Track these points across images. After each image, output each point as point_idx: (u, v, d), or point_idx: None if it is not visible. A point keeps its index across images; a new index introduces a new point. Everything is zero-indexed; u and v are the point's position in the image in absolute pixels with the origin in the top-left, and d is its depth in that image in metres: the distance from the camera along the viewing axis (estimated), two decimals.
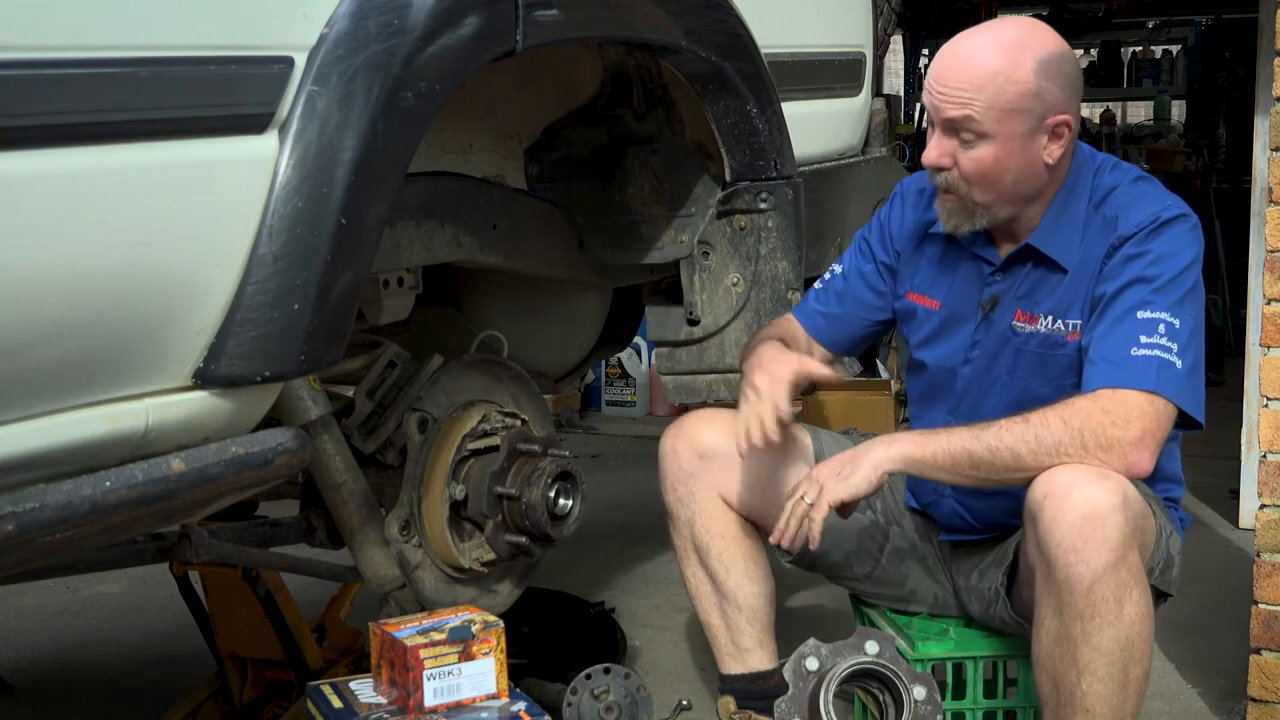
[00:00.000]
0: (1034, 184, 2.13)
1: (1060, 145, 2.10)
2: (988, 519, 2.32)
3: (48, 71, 1.39)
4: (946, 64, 2.10)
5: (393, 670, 2.01)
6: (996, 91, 2.05)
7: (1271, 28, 2.58)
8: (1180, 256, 2.08)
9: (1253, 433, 3.76)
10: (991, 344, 2.23)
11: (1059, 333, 2.16)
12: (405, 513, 2.27)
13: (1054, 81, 2.07)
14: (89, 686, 3.08)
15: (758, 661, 2.39)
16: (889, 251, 2.37)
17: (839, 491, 2.07)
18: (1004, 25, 2.15)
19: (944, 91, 2.09)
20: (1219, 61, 7.69)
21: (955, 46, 2.12)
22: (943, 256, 2.30)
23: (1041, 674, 2.02)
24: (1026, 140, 2.08)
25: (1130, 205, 2.13)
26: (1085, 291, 2.13)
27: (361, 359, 2.29)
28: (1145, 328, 2.03)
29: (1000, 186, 2.11)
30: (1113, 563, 1.91)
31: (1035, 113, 2.07)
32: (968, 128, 2.08)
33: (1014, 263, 2.21)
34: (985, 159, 2.09)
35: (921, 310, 2.32)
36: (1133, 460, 1.98)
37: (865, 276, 2.39)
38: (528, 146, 2.61)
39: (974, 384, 2.25)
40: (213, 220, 1.59)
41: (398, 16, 1.72)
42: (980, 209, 2.14)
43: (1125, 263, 2.09)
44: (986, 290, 2.24)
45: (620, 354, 5.60)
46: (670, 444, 2.38)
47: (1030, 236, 2.17)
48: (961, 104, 2.07)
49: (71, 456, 1.52)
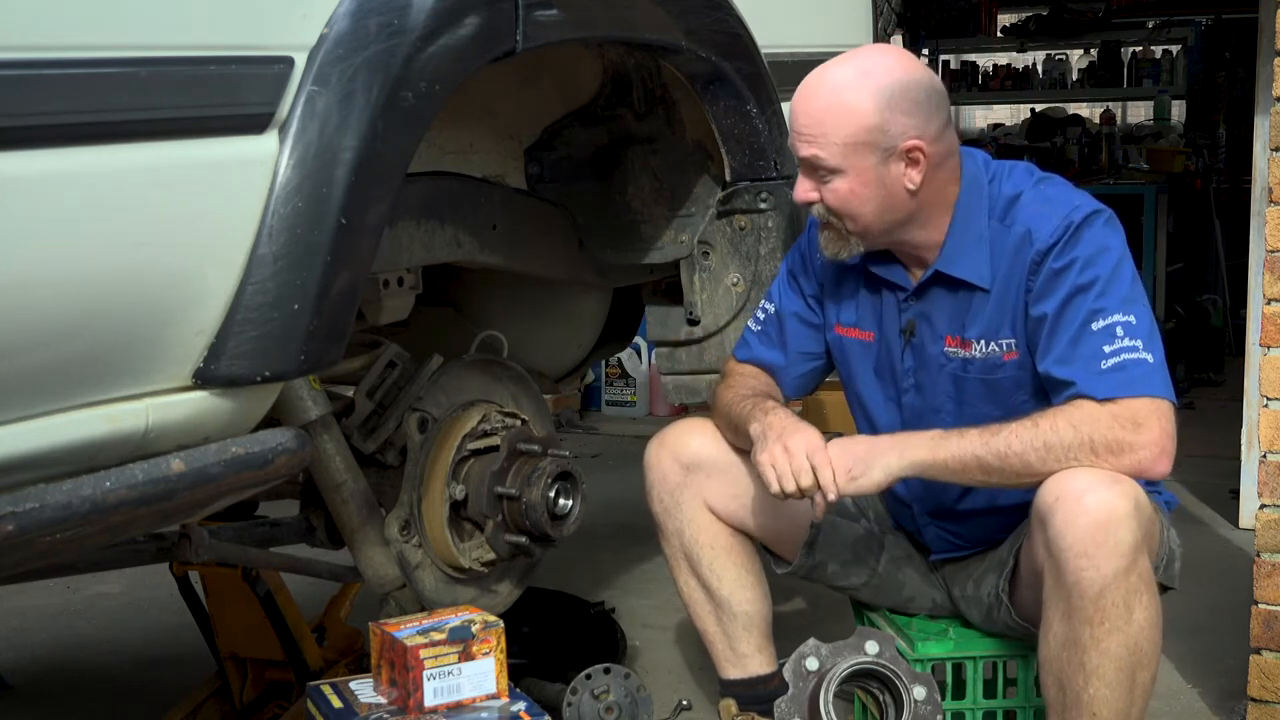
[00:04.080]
0: (902, 210, 2.11)
1: (918, 170, 2.08)
2: (974, 539, 2.32)
3: (48, 71, 1.39)
4: (797, 101, 2.11)
5: (393, 670, 2.01)
6: (836, 126, 2.05)
7: (1271, 28, 2.58)
8: (1107, 254, 2.06)
9: (1253, 433, 3.76)
10: (927, 373, 2.21)
11: (995, 354, 2.14)
12: (405, 513, 2.27)
13: (898, 110, 2.05)
14: (89, 686, 3.08)
15: (757, 666, 2.38)
16: (813, 283, 2.34)
17: (846, 490, 2.07)
18: (854, 57, 2.12)
19: (795, 130, 2.10)
20: (1219, 61, 7.69)
21: (807, 81, 2.11)
22: (863, 286, 2.28)
23: (1048, 677, 2.02)
24: (879, 170, 2.07)
25: (1039, 214, 2.10)
26: (1013, 309, 2.11)
27: (361, 359, 2.29)
28: (1104, 337, 2.01)
29: (865, 216, 2.10)
30: (1124, 569, 1.91)
31: (880, 145, 2.05)
32: (819, 164, 2.08)
33: (927, 287, 2.19)
34: (841, 191, 2.08)
35: (855, 344, 2.30)
36: (1148, 464, 1.97)
37: (800, 316, 2.35)
38: (528, 146, 2.61)
39: (919, 414, 2.23)
40: (213, 220, 1.59)
41: (398, 16, 1.72)
42: (854, 237, 2.13)
43: (1054, 278, 2.06)
44: (904, 316, 2.22)
45: (620, 354, 5.61)
46: (655, 454, 2.36)
47: (937, 261, 2.15)
48: (807, 141, 2.08)
49: (71, 456, 1.52)
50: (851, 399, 2.36)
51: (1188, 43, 7.97)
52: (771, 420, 2.15)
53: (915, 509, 2.33)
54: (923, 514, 2.33)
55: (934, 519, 2.32)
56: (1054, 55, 8.53)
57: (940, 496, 2.26)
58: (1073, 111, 8.09)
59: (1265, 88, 3.64)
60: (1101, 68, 8.24)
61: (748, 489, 2.32)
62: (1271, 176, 2.43)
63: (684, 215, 2.63)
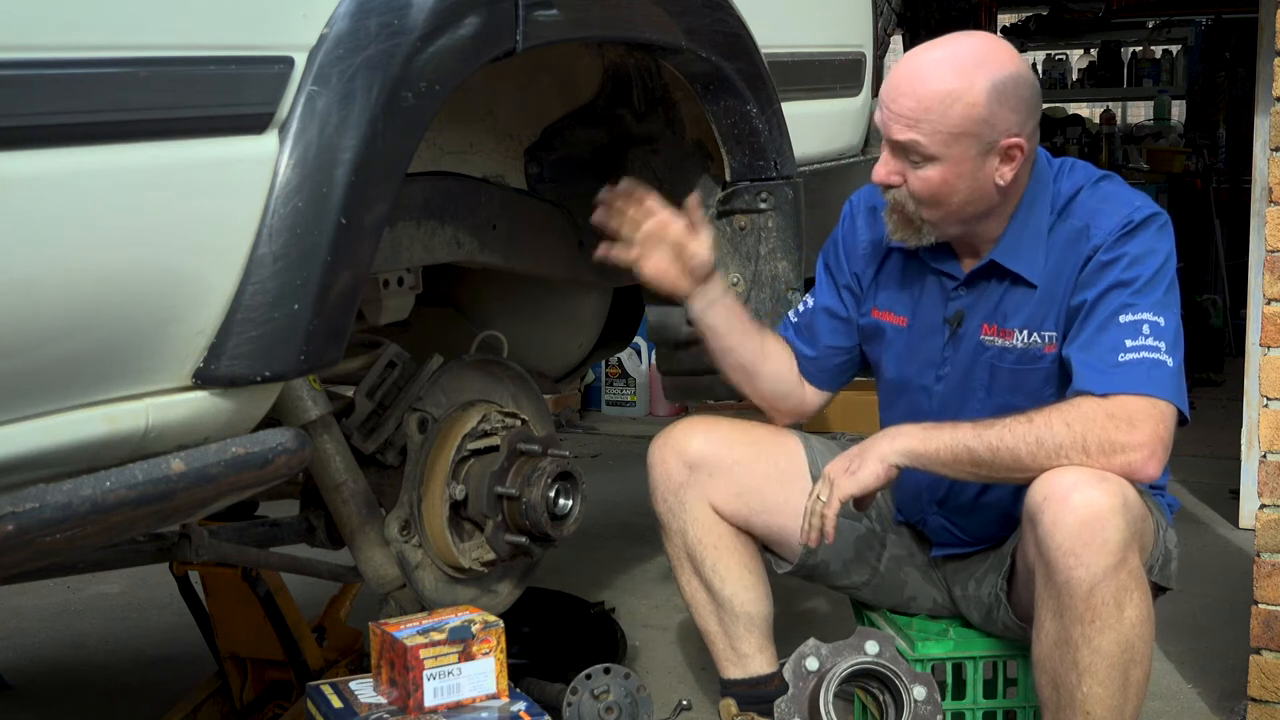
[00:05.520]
0: (984, 204, 2.10)
1: (1012, 167, 2.06)
2: (977, 533, 2.31)
3: (48, 71, 1.39)
4: (897, 82, 2.06)
5: (393, 670, 2.01)
6: (943, 114, 2.01)
7: (1272, 27, 2.58)
8: (1155, 256, 2.06)
9: (1253, 433, 3.76)
10: (963, 360, 2.21)
11: (1035, 346, 2.14)
12: (405, 513, 2.27)
13: (1006, 105, 2.02)
14: (89, 686, 3.08)
15: (758, 666, 2.39)
16: (847, 272, 2.34)
17: (848, 487, 2.07)
18: (960, 42, 2.09)
19: (892, 111, 2.05)
20: (1219, 61, 7.69)
21: (909, 62, 2.06)
22: (904, 272, 2.27)
23: (1041, 676, 2.02)
24: (976, 162, 2.05)
25: (1099, 211, 2.10)
26: (1060, 303, 2.11)
27: (361, 359, 2.29)
28: (1129, 331, 2.01)
29: (948, 206, 2.09)
30: (1113, 566, 1.91)
31: (985, 138, 2.03)
32: (915, 150, 2.04)
33: (979, 278, 2.18)
34: (933, 179, 2.05)
35: (890, 328, 2.30)
36: (1137, 466, 1.97)
37: (831, 310, 2.36)
38: (528, 146, 2.60)
39: (949, 401, 2.23)
40: (213, 220, 1.59)
41: (398, 16, 1.72)
42: (928, 226, 2.11)
43: (1101, 269, 2.06)
44: (951, 306, 2.21)
45: (620, 354, 5.61)
46: (658, 453, 2.36)
47: (993, 251, 2.15)
48: (908, 126, 2.03)
49: (72, 456, 1.52)
50: (881, 384, 2.36)
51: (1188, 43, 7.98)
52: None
53: (924, 498, 2.32)
54: (930, 503, 2.32)
55: (941, 509, 2.31)
56: (1054, 55, 8.54)
57: (950, 485, 2.25)
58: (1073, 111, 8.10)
59: (1265, 88, 3.64)
60: (1101, 68, 8.25)
61: (750, 488, 2.32)
62: (1271, 176, 2.43)
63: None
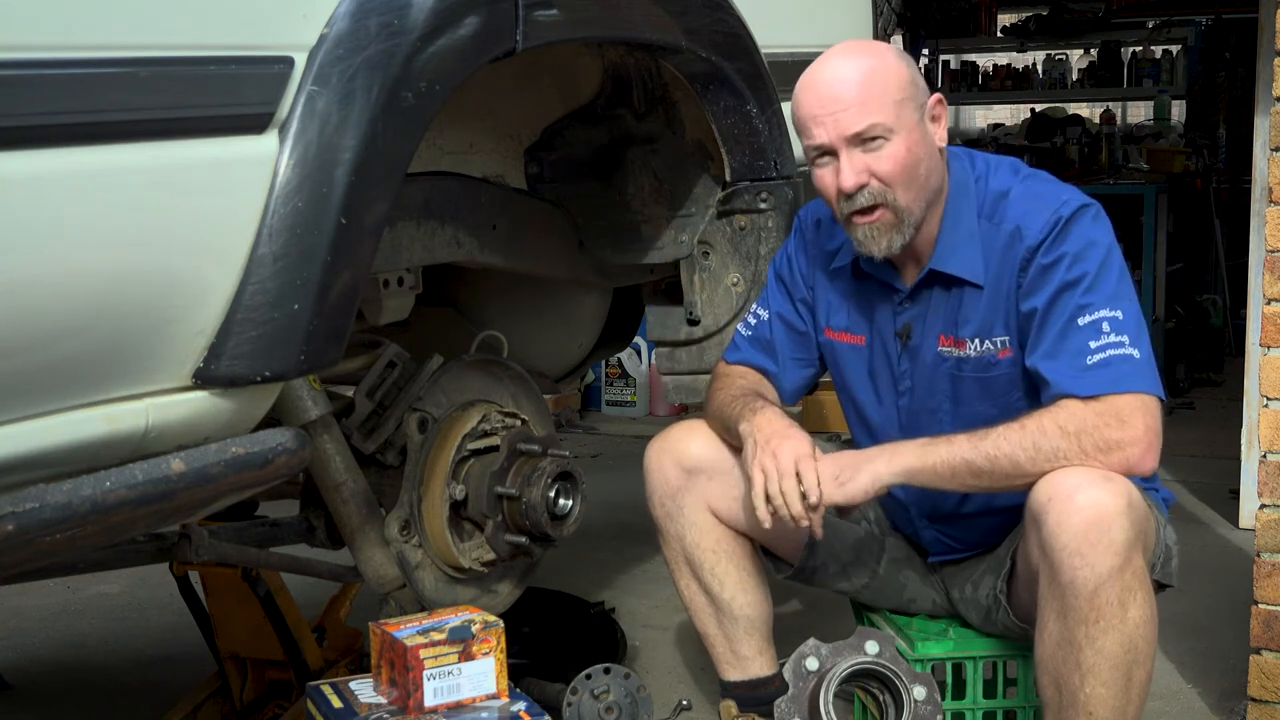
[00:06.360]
0: (937, 174, 2.12)
1: (941, 126, 2.12)
2: (971, 540, 2.32)
3: (48, 71, 1.39)
4: (823, 94, 2.07)
5: (393, 670, 2.01)
6: (884, 87, 2.05)
7: (1272, 27, 2.59)
8: (1095, 249, 2.06)
9: (1253, 433, 3.76)
10: (924, 373, 2.21)
11: (989, 352, 2.14)
12: (405, 513, 2.27)
13: (912, 67, 2.11)
14: (89, 686, 3.08)
15: (758, 668, 2.38)
16: (802, 286, 2.34)
17: (834, 496, 2.07)
18: (840, 45, 2.15)
19: (834, 115, 2.06)
20: (1219, 61, 7.68)
21: (821, 76, 2.09)
22: (854, 291, 2.27)
23: (1044, 676, 2.02)
24: (922, 127, 2.09)
25: (1028, 211, 2.10)
26: (1004, 306, 2.11)
27: (361, 359, 2.29)
28: (1090, 333, 2.01)
29: (919, 179, 2.09)
30: (1117, 567, 1.91)
31: (917, 99, 2.09)
32: (874, 133, 2.05)
33: (922, 288, 2.18)
34: (899, 153, 2.06)
35: (846, 349, 2.30)
36: (1135, 461, 1.98)
37: (789, 323, 2.34)
38: (528, 146, 2.61)
39: (917, 414, 2.23)
40: (213, 220, 1.59)
41: (398, 16, 1.72)
42: (906, 214, 2.09)
43: (1043, 273, 2.06)
44: (899, 319, 2.21)
45: (620, 354, 5.61)
46: (655, 458, 2.35)
47: (931, 261, 2.15)
48: (859, 114, 2.05)
49: (72, 456, 1.52)
50: (846, 403, 2.36)
51: (1188, 43, 7.97)
52: (759, 422, 2.15)
53: (913, 512, 2.32)
54: (920, 517, 2.32)
55: (931, 522, 2.32)
56: (1054, 55, 8.53)
57: (936, 499, 2.26)
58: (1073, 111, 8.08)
59: (1265, 88, 3.64)
60: (1101, 68, 8.24)
61: (748, 492, 2.32)
62: (1271, 176, 2.43)
63: (684, 215, 2.63)
